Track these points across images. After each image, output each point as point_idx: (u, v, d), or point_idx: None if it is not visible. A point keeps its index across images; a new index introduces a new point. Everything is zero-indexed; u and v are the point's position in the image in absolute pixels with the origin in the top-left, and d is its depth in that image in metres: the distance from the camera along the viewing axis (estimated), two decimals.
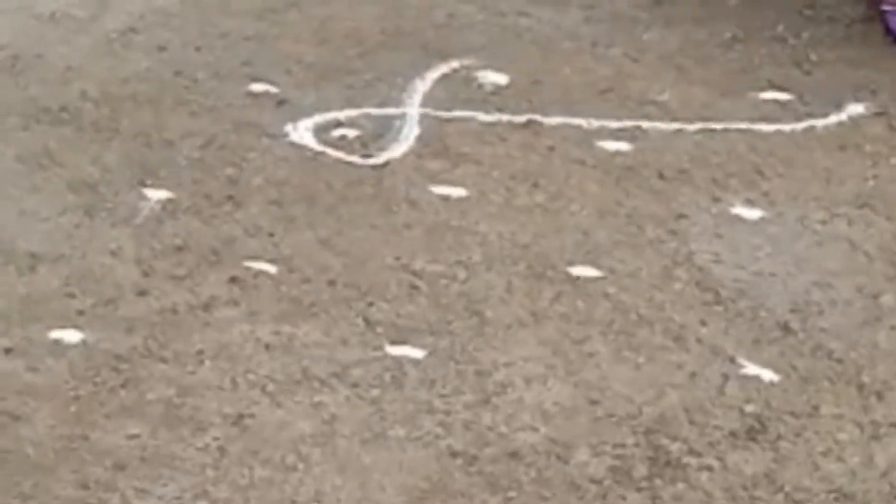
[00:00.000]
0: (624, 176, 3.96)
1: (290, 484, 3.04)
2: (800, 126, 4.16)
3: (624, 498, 3.01)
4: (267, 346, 3.38)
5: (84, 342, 3.39)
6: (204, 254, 3.68)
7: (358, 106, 4.27)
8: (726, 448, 3.11)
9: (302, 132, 4.16)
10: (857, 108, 4.22)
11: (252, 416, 3.20)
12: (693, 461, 3.09)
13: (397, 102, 4.29)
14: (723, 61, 4.49)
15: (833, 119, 4.18)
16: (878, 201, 3.84)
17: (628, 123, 4.18)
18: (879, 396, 3.24)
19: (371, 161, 4.03)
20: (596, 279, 3.58)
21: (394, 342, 3.39)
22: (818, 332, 3.41)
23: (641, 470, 3.07)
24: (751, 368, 3.31)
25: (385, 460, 3.09)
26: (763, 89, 4.33)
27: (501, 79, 4.39)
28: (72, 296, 3.53)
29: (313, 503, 3.01)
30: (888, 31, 4.52)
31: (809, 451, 3.10)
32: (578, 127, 4.16)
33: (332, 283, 3.58)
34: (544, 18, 4.73)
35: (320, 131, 4.17)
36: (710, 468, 3.07)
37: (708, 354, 3.35)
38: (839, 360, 3.33)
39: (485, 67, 4.43)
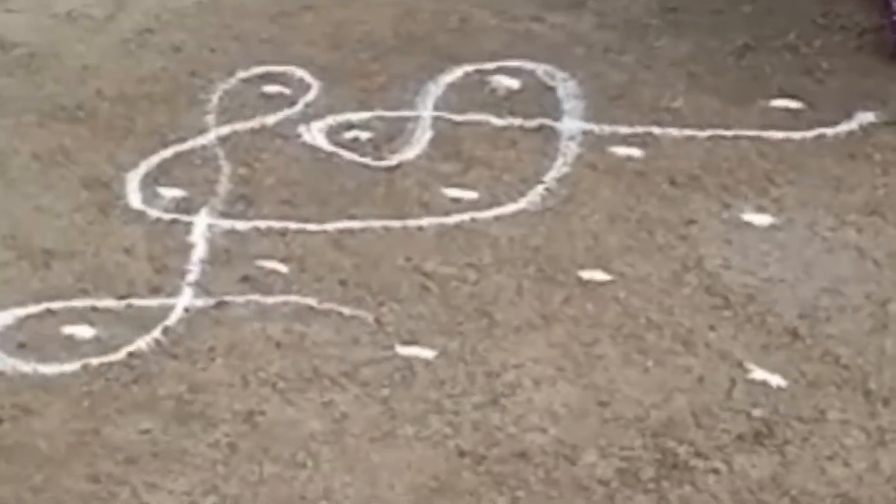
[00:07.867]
0: (635, 181, 3.98)
1: (300, 481, 3.06)
2: (810, 134, 4.17)
3: (631, 499, 3.02)
4: (278, 345, 3.41)
5: (97, 338, 3.42)
6: (216, 252, 3.70)
7: (371, 108, 4.29)
8: (733, 451, 3.12)
9: (315, 133, 4.18)
10: (867, 117, 4.22)
11: (262, 413, 3.22)
12: (700, 464, 3.10)
13: (410, 105, 4.30)
14: (734, 69, 4.50)
15: (843, 127, 4.19)
16: (887, 209, 3.85)
17: (640, 129, 4.19)
18: (886, 403, 3.25)
19: (383, 163, 4.05)
20: (606, 283, 3.60)
21: (404, 342, 3.41)
22: (826, 338, 3.43)
23: (649, 472, 3.08)
24: (759, 373, 3.32)
25: (394, 459, 3.11)
26: (774, 97, 4.34)
27: (514, 83, 4.41)
28: (85, 292, 3.56)
29: (322, 500, 3.03)
30: None
31: (816, 456, 3.12)
32: (590, 132, 4.18)
33: (343, 282, 3.60)
34: (557, 24, 4.75)
35: (333, 133, 4.19)
36: (717, 471, 3.08)
37: (716, 359, 3.37)
38: (846, 367, 3.34)
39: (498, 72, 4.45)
